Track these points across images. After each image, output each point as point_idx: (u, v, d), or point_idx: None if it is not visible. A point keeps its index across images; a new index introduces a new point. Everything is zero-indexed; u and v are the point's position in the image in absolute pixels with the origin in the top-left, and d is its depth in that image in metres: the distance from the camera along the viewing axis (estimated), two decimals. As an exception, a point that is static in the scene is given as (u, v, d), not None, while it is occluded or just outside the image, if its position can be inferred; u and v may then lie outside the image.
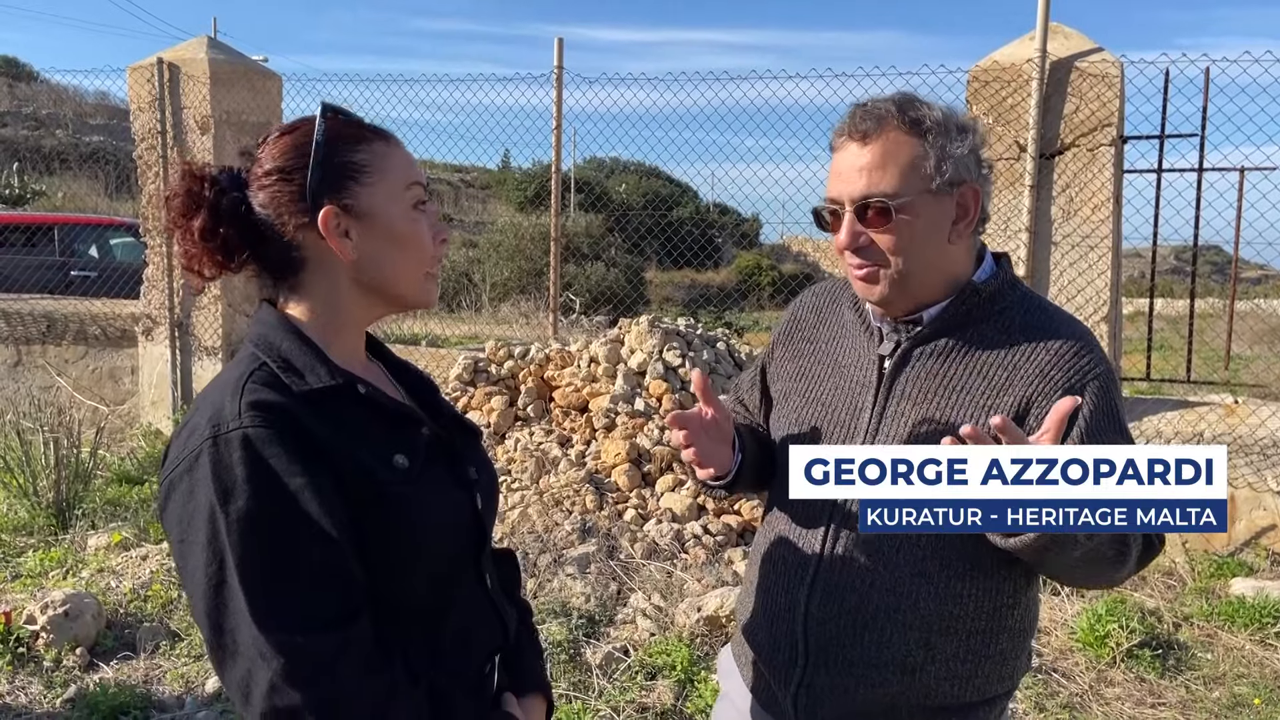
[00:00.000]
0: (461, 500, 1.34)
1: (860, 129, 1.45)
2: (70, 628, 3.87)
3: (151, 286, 7.46)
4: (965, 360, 1.50)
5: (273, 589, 1.12)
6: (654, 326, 5.97)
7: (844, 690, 1.53)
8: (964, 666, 1.52)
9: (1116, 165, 5.06)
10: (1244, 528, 4.90)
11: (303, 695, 1.10)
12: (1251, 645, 4.13)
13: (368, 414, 1.26)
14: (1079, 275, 5.11)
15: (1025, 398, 1.45)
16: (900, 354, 1.54)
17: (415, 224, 1.30)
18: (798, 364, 1.68)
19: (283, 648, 1.10)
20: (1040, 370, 1.46)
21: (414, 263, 1.31)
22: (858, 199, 1.44)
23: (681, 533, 4.74)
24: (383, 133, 1.33)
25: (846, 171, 1.46)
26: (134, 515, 5.31)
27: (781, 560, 1.60)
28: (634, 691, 3.57)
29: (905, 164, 1.44)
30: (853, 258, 1.49)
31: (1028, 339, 1.49)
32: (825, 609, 1.52)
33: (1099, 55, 5.09)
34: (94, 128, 25.46)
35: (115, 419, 7.49)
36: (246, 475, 1.12)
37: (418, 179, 1.31)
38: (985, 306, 1.52)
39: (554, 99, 6.95)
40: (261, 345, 1.26)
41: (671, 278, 20.76)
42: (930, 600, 1.49)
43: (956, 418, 1.46)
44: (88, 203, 18.80)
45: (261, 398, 1.17)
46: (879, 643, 1.50)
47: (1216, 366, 8.85)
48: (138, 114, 7.40)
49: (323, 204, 1.25)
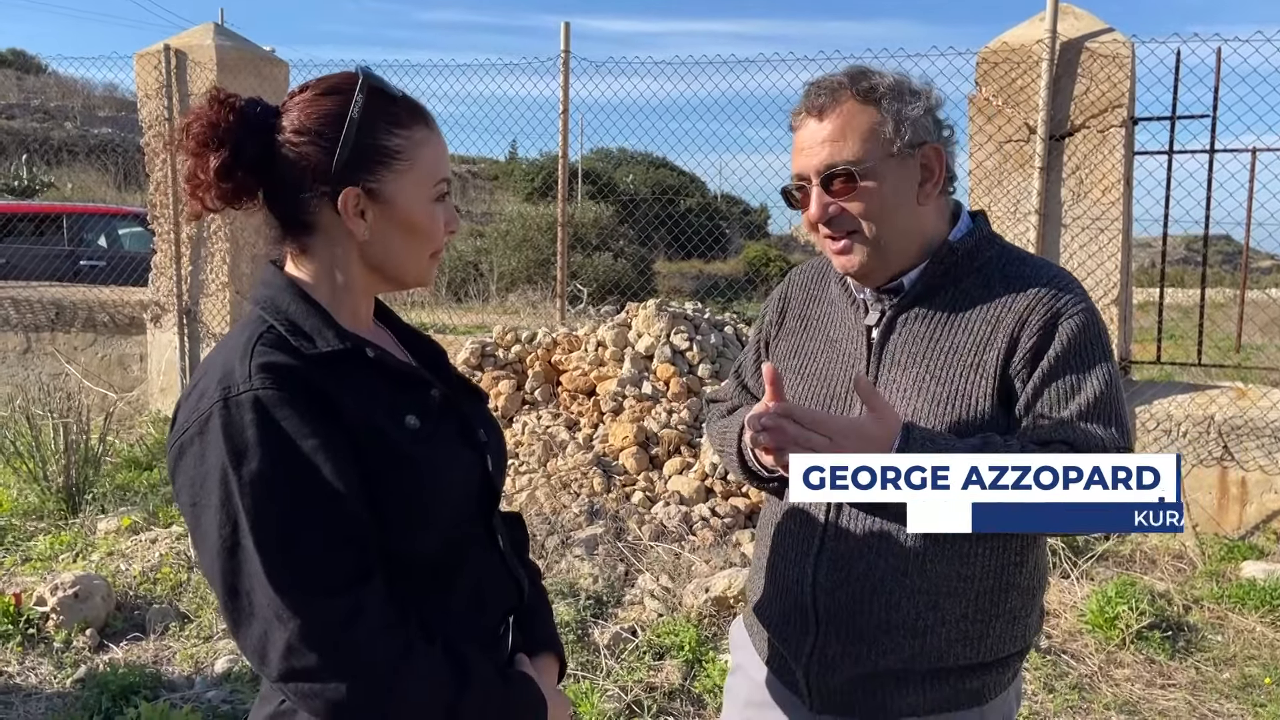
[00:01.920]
0: (472, 460, 1.34)
1: (816, 104, 1.49)
2: (80, 609, 3.88)
3: (160, 274, 7.47)
4: (950, 320, 1.52)
5: (288, 550, 1.11)
6: (661, 310, 5.95)
7: (855, 657, 1.53)
8: (974, 626, 1.52)
9: (1127, 147, 5.03)
10: (1255, 511, 4.87)
11: (319, 656, 1.10)
12: (1262, 627, 4.11)
13: (377, 376, 1.26)
14: (1089, 258, 5.08)
15: (1009, 345, 1.47)
16: (885, 322, 1.55)
17: (433, 217, 1.30)
18: (792, 342, 1.70)
19: (299, 609, 1.10)
20: (1018, 316, 1.47)
21: (422, 250, 1.31)
22: (822, 170, 1.47)
23: (689, 515, 4.73)
24: (424, 116, 1.30)
25: (808, 146, 1.49)
26: (143, 500, 5.33)
27: (789, 534, 1.61)
28: (642, 671, 3.57)
29: (864, 131, 1.47)
30: (825, 230, 1.51)
31: (1007, 290, 1.51)
32: (833, 578, 1.53)
33: (1110, 35, 5.05)
34: (102, 120, 25.51)
35: (124, 405, 7.51)
36: (259, 437, 1.12)
37: (445, 175, 1.31)
38: (964, 264, 1.54)
39: (560, 84, 6.94)
40: (268, 308, 1.25)
41: (679, 268, 20.72)
42: (938, 562, 1.49)
43: (948, 377, 1.49)
44: (96, 194, 18.84)
45: (272, 360, 1.17)
46: (887, 607, 1.50)
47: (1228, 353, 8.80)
48: (145, 101, 7.40)
49: (346, 183, 1.24)
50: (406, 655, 1.16)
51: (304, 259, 1.30)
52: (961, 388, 1.48)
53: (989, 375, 1.47)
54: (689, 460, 5.14)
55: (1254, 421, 4.86)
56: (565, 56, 6.92)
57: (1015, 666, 1.62)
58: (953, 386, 1.48)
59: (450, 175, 1.34)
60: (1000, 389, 1.47)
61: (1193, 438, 4.95)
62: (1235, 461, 4.89)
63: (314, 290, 1.29)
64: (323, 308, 1.26)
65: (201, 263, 7.34)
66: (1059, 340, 1.45)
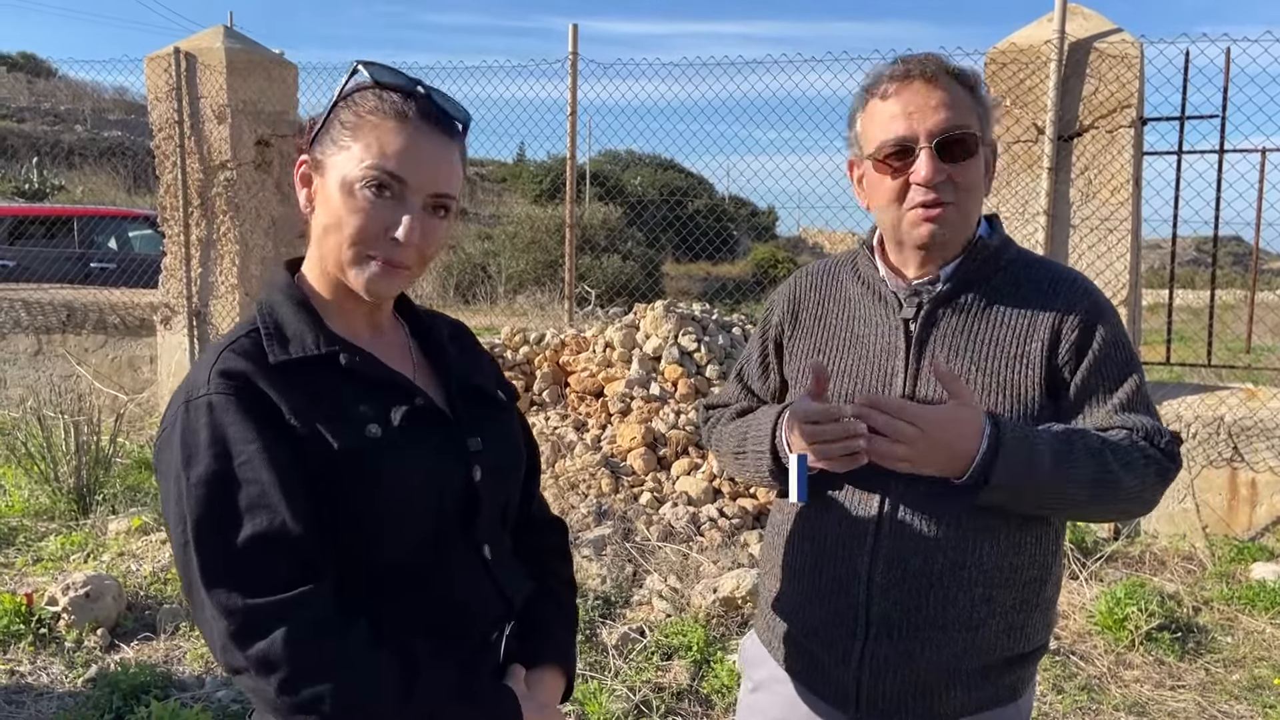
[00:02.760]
0: (449, 471, 1.31)
1: (926, 70, 1.47)
2: (91, 609, 3.90)
3: (170, 276, 7.50)
4: (986, 314, 1.54)
5: (220, 552, 1.15)
6: (669, 311, 5.96)
7: (908, 656, 1.51)
8: (1019, 616, 1.54)
9: (1136, 147, 5.02)
10: (1265, 512, 4.85)
11: (245, 655, 1.13)
12: (1272, 629, 4.10)
13: (349, 384, 1.26)
14: (1098, 258, 5.07)
15: (1052, 342, 1.51)
16: (925, 315, 1.55)
17: (354, 204, 1.22)
18: (810, 342, 1.68)
19: (227, 610, 1.13)
20: (1059, 314, 1.52)
21: (343, 244, 1.24)
22: (939, 132, 1.45)
23: (697, 515, 4.73)
24: (401, 110, 1.24)
25: (919, 109, 1.46)
26: (153, 500, 5.35)
27: (833, 532, 1.56)
28: (650, 672, 3.58)
29: (970, 107, 1.49)
30: (926, 194, 1.47)
31: (1036, 288, 1.55)
32: (889, 575, 1.50)
33: (1118, 36, 5.04)
34: (112, 123, 25.64)
35: (134, 407, 7.54)
36: (207, 440, 1.16)
37: (388, 165, 1.21)
38: (992, 262, 1.56)
39: (569, 85, 6.95)
40: (263, 310, 1.29)
41: (687, 270, 20.72)
42: (993, 553, 1.50)
43: (992, 369, 1.51)
44: (106, 196, 18.93)
45: (230, 366, 1.20)
46: (943, 602, 1.49)
47: (1238, 354, 8.76)
48: (155, 104, 7.44)
49: (307, 152, 1.29)
50: (337, 658, 1.16)
51: (307, 254, 1.34)
52: (1008, 378, 1.50)
53: (1034, 366, 1.50)
54: (697, 461, 5.15)
55: (1264, 422, 4.84)
56: (573, 59, 6.94)
57: (1041, 654, 1.64)
58: (999, 377, 1.50)
59: (406, 176, 1.22)
60: (1046, 379, 1.51)
61: (1203, 439, 4.94)
62: (1245, 462, 4.88)
63: (313, 289, 1.31)
64: (313, 310, 1.28)
65: (211, 265, 7.37)
66: (1100, 335, 1.51)
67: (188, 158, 7.28)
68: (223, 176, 7.23)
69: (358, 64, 1.28)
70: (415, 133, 1.24)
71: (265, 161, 7.42)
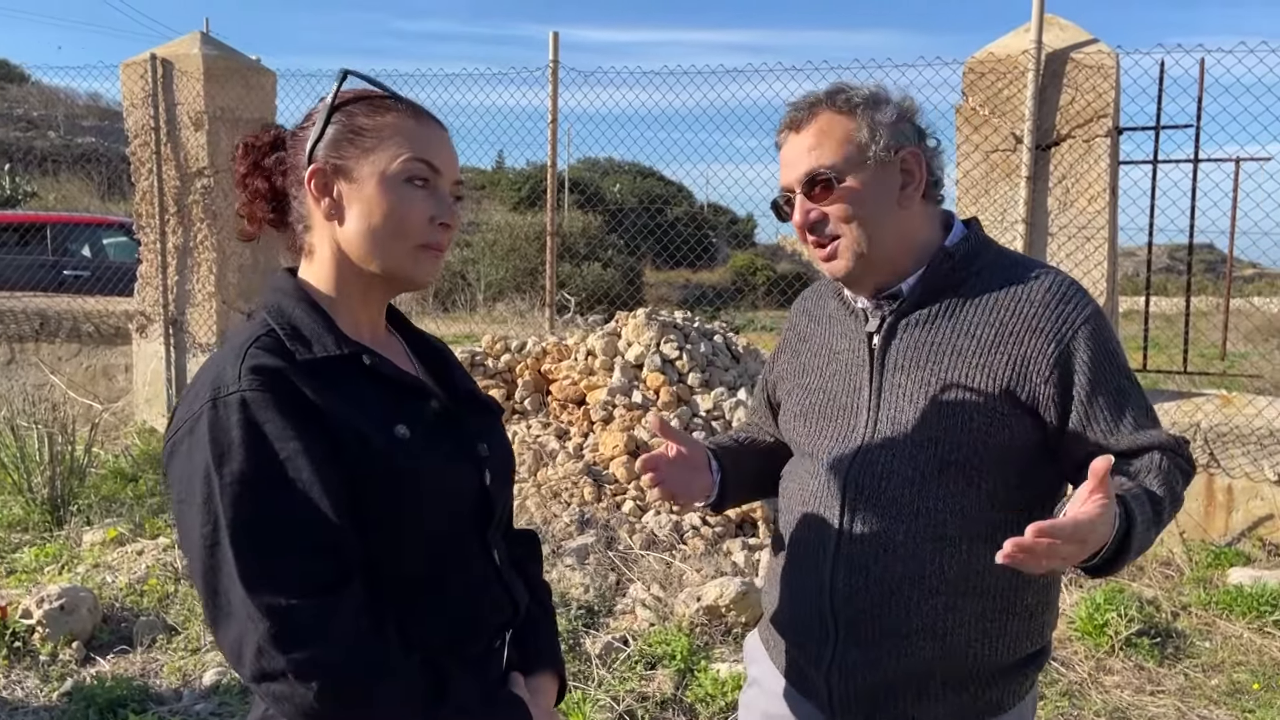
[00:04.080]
0: (467, 474, 1.33)
1: (795, 119, 1.55)
2: (66, 622, 3.85)
3: (146, 283, 7.44)
4: (951, 323, 1.54)
5: (262, 552, 1.12)
6: (651, 319, 5.96)
7: (875, 662, 1.53)
8: (992, 624, 1.53)
9: (1112, 156, 5.07)
10: (1241, 517, 4.90)
11: (289, 658, 1.10)
12: (1250, 633, 4.13)
13: (371, 384, 1.26)
14: (1075, 266, 5.11)
15: (1020, 355, 1.48)
16: (886, 328, 1.57)
17: (403, 197, 1.26)
18: (798, 362, 1.73)
19: (270, 611, 1.10)
20: (1028, 324, 1.49)
21: (397, 237, 1.27)
22: (803, 178, 1.52)
23: (680, 524, 4.73)
24: (408, 106, 1.31)
25: (791, 160, 1.55)
26: (129, 511, 5.29)
27: (803, 541, 1.62)
28: (634, 681, 3.56)
29: (840, 137, 1.51)
30: (811, 236, 1.55)
31: (1009, 294, 1.53)
32: (851, 583, 1.52)
33: (1095, 46, 5.09)
34: (86, 129, 25.39)
35: (109, 416, 7.47)
36: (241, 438, 1.13)
37: (423, 156, 1.27)
38: (962, 269, 1.55)
39: (549, 93, 6.94)
40: (273, 312, 1.27)
41: (667, 277, 20.76)
42: (953, 563, 1.50)
43: (952, 379, 1.50)
44: (80, 203, 18.76)
45: (261, 363, 1.18)
46: (906, 610, 1.50)
47: (1212, 361, 8.86)
48: (131, 110, 7.38)
49: (314, 161, 1.28)
50: (379, 664, 1.15)
51: (308, 262, 1.33)
52: (968, 389, 1.49)
53: (997, 378, 1.48)
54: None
55: (1239, 429, 4.89)
56: (554, 67, 6.93)
57: (1032, 673, 1.62)
58: (959, 389, 1.50)
59: (438, 164, 1.29)
60: (1008, 391, 1.48)
61: (1179, 445, 4.98)
62: (1221, 468, 4.93)
63: (319, 294, 1.30)
64: (325, 313, 1.28)
65: (188, 273, 7.31)
66: (1086, 350, 1.47)
67: (164, 165, 7.23)
68: (200, 184, 7.18)
69: (347, 72, 1.30)
70: (431, 127, 1.31)
71: (243, 169, 7.37)
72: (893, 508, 1.51)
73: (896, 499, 1.50)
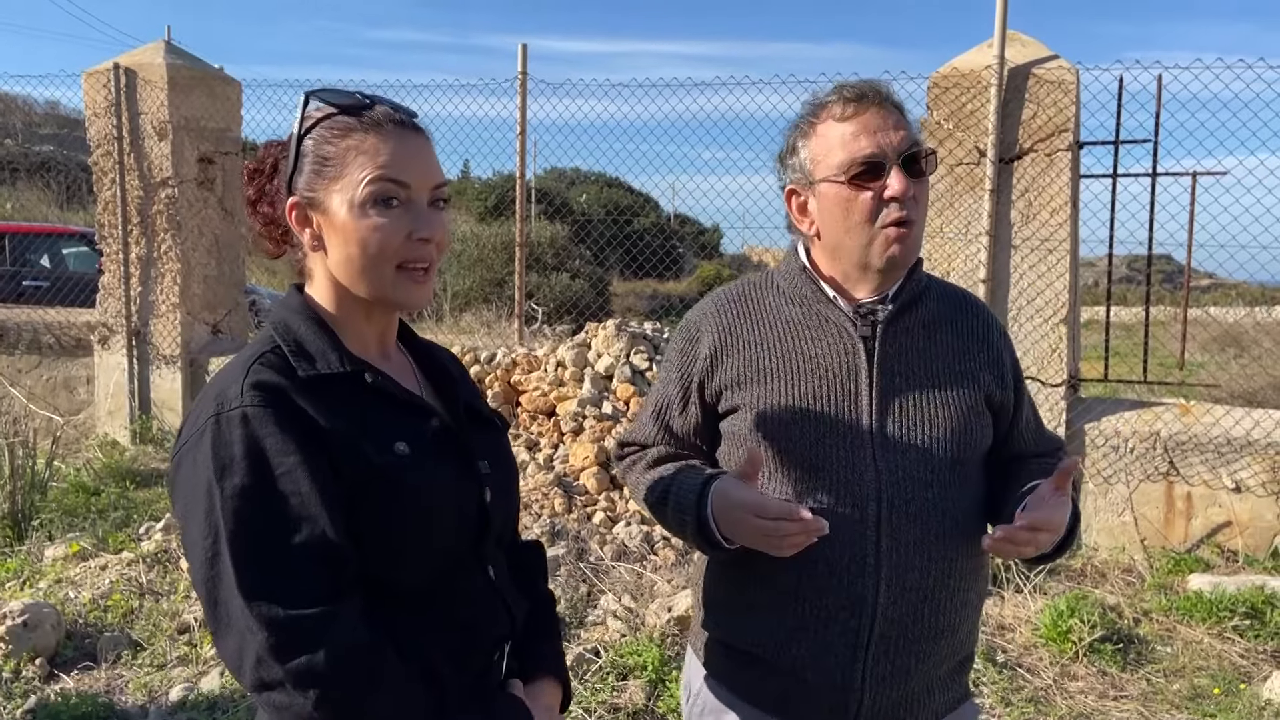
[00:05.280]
0: (467, 492, 1.33)
1: (881, 93, 1.53)
2: (29, 638, 3.79)
3: (108, 294, 7.34)
4: (930, 329, 1.62)
5: (261, 564, 1.14)
6: (621, 330, 5.98)
7: (905, 670, 1.53)
8: (975, 614, 1.64)
9: (1073, 170, 5.16)
10: (1200, 524, 5.00)
11: (286, 668, 1.11)
12: (1209, 638, 4.21)
13: (374, 402, 1.28)
14: (1038, 278, 5.19)
15: (989, 361, 1.64)
16: (882, 333, 1.58)
17: (372, 223, 1.24)
18: (757, 367, 1.60)
19: (268, 622, 1.12)
20: (982, 336, 1.66)
21: (374, 263, 1.26)
22: (904, 149, 1.50)
23: (650, 534, 4.74)
24: (375, 123, 1.27)
25: (882, 129, 1.50)
26: (92, 525, 5.21)
27: (824, 558, 1.50)
28: (605, 692, 3.57)
29: (915, 131, 1.56)
30: (900, 211, 1.50)
31: (958, 308, 1.67)
32: (890, 593, 1.50)
33: (1055, 62, 5.19)
34: (44, 137, 25.02)
35: (70, 429, 7.35)
36: (243, 452, 1.15)
37: (389, 175, 1.24)
38: (921, 283, 1.64)
39: (518, 105, 6.95)
40: (279, 328, 1.29)
41: (634, 288, 20.79)
42: (969, 559, 1.57)
43: (943, 384, 1.58)
44: (38, 213, 18.47)
45: (264, 379, 1.20)
46: (936, 612, 1.53)
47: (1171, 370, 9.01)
48: (93, 120, 7.29)
49: (291, 194, 1.28)
50: (376, 674, 1.17)
51: (311, 282, 1.35)
52: (959, 391, 1.58)
53: (979, 381, 1.61)
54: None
55: (1197, 437, 4.99)
56: (522, 79, 6.94)
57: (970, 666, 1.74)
58: (953, 390, 1.58)
59: (406, 179, 1.25)
60: (987, 394, 1.61)
61: (1140, 453, 5.07)
62: (1180, 476, 5.02)
63: (326, 312, 1.32)
64: (331, 330, 1.29)
65: (152, 283, 7.23)
66: (1015, 356, 1.70)
67: (127, 174, 7.15)
68: (164, 194, 7.11)
69: (308, 95, 1.29)
70: (396, 137, 1.27)
71: (208, 179, 7.31)
72: (922, 512, 1.51)
73: (924, 502, 1.51)
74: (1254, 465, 4.88)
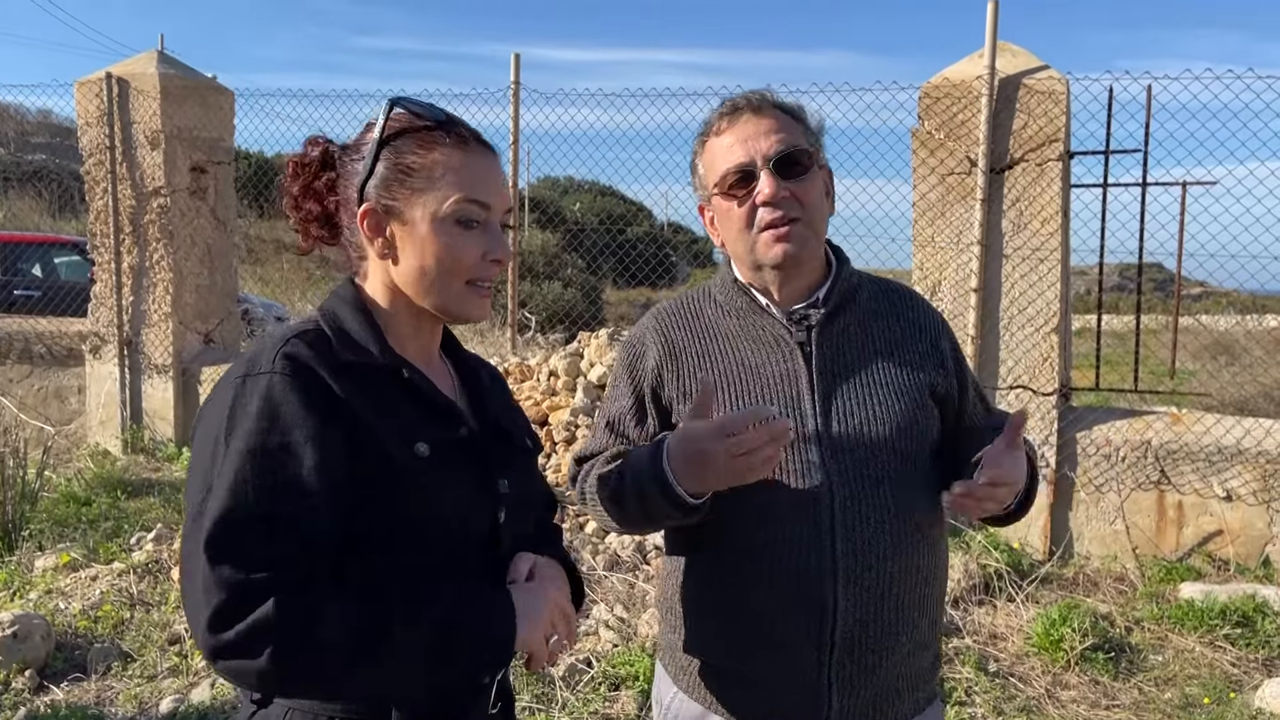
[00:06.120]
0: (480, 507, 1.32)
1: (751, 102, 1.58)
2: (19, 649, 3.77)
3: (100, 304, 7.33)
4: (863, 329, 1.64)
5: (238, 526, 1.11)
6: (614, 339, 5.98)
7: (870, 669, 1.54)
8: (937, 609, 1.65)
9: (1064, 180, 5.18)
10: (1191, 533, 5.01)
11: (237, 632, 1.09)
12: (1201, 647, 4.22)
13: (405, 399, 1.28)
14: (1030, 287, 5.21)
15: (927, 352, 1.66)
16: (817, 336, 1.60)
17: (455, 241, 1.27)
18: (704, 379, 1.60)
19: (227, 584, 1.09)
20: (920, 326, 1.68)
21: (448, 276, 1.29)
22: (774, 154, 1.54)
23: (643, 544, 4.74)
24: (460, 138, 1.29)
25: (752, 135, 1.55)
26: (83, 536, 5.20)
27: (780, 563, 1.52)
28: (597, 703, 3.56)
29: (798, 131, 1.58)
30: (772, 213, 1.54)
31: (892, 303, 1.69)
32: (850, 595, 1.50)
33: (1046, 73, 5.21)
34: (36, 146, 24.97)
35: (61, 439, 7.33)
36: (256, 414, 1.15)
37: (473, 196, 1.27)
38: (851, 280, 1.66)
39: (511, 113, 6.97)
40: (325, 314, 1.30)
41: (627, 296, 20.81)
42: (926, 552, 1.58)
43: (884, 379, 1.60)
44: (30, 222, 18.42)
45: (296, 352, 1.21)
46: (896, 608, 1.54)
47: (1162, 378, 9.05)
48: (85, 129, 7.29)
49: (366, 200, 1.28)
50: (316, 609, 1.13)
51: (363, 281, 1.35)
52: (903, 384, 1.60)
53: (922, 371, 1.63)
54: (642, 489, 5.16)
55: (1188, 446, 5.01)
56: (515, 88, 6.96)
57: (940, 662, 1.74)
58: (897, 384, 1.60)
59: (489, 201, 1.30)
60: (930, 384, 1.63)
61: (1131, 462, 5.09)
62: (1172, 485, 5.03)
63: (376, 307, 1.33)
64: (377, 325, 1.30)
65: (144, 293, 7.22)
66: (953, 344, 1.71)
67: (119, 184, 7.14)
68: (156, 203, 7.10)
69: (392, 102, 1.30)
70: (480, 158, 1.31)
71: (200, 188, 7.31)
72: (875, 510, 1.53)
73: (876, 499, 1.53)
74: (1245, 474, 4.89)
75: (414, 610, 1.18)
